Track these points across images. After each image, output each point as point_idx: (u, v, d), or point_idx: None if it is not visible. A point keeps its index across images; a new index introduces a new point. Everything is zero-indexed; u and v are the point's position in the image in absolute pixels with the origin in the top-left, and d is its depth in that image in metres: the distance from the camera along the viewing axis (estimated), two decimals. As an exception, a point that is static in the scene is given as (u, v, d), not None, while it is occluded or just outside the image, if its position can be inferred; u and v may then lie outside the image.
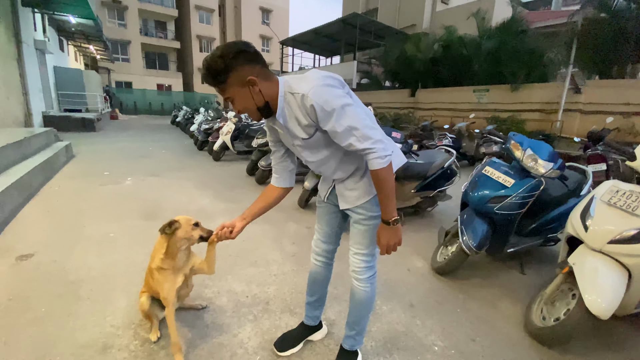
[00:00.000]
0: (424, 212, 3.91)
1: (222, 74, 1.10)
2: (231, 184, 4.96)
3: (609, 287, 1.57)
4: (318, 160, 1.30)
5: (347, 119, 1.11)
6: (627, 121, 7.87)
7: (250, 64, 1.12)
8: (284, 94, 1.18)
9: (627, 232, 1.60)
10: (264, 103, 1.18)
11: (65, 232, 2.98)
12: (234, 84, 1.12)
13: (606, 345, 1.83)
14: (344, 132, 1.12)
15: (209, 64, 1.10)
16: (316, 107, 1.09)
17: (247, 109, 1.19)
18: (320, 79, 1.13)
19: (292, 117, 1.19)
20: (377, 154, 1.12)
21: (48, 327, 1.76)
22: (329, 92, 1.11)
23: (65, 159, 6.08)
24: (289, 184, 1.47)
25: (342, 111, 1.11)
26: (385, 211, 1.22)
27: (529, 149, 2.24)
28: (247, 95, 1.15)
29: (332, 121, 1.11)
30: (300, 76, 1.19)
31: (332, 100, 1.10)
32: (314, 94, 1.09)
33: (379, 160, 1.13)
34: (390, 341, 1.76)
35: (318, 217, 1.56)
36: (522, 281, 2.48)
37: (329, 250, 1.57)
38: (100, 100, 15.29)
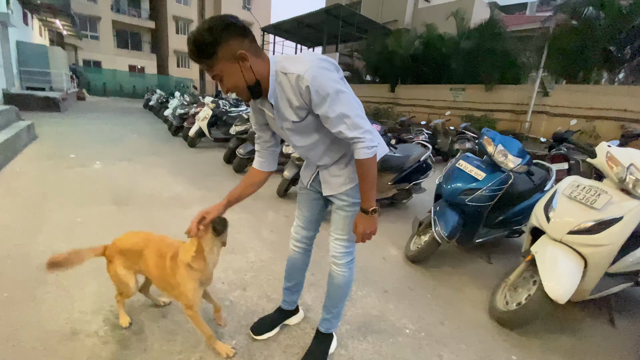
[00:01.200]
0: (400, 204, 4.02)
1: (210, 47, 1.03)
2: (207, 172, 4.85)
3: (567, 274, 1.70)
4: (307, 145, 1.29)
5: (340, 106, 1.10)
6: (589, 124, 8.40)
7: (240, 38, 1.07)
8: (275, 73, 1.13)
9: (584, 223, 1.73)
10: (255, 81, 1.12)
11: (29, 215, 2.81)
12: (223, 59, 1.06)
13: (562, 328, 1.98)
14: (335, 118, 1.11)
15: (196, 38, 1.03)
16: (311, 89, 1.06)
17: (236, 86, 1.12)
18: (316, 61, 1.09)
19: (284, 99, 1.16)
20: (365, 144, 1.14)
21: (11, 312, 1.67)
22: (325, 76, 1.08)
23: (27, 140, 5.68)
24: (273, 168, 1.46)
25: (336, 97, 1.09)
26: (365, 200, 1.24)
27: (500, 144, 2.35)
28: (237, 71, 1.09)
29: (325, 106, 1.09)
30: (294, 56, 1.14)
31: (327, 85, 1.08)
32: (310, 75, 1.06)
33: (366, 150, 1.14)
34: (364, 325, 1.82)
35: (299, 203, 1.56)
36: (488, 270, 2.62)
37: (309, 237, 1.59)
38: (66, 79, 14.29)
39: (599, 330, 2.01)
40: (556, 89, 9.49)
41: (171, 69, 28.16)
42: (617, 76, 9.87)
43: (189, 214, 3.15)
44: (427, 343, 1.73)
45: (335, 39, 16.59)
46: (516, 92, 10.18)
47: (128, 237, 1.55)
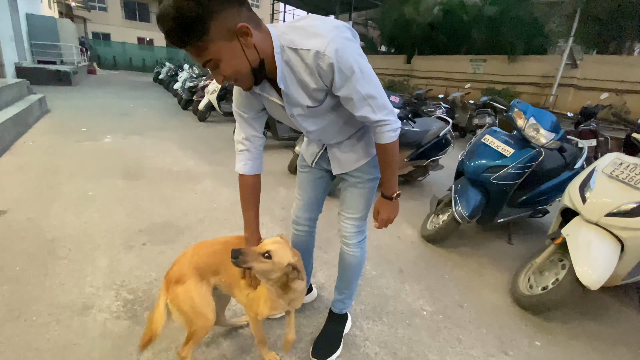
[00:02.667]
0: (415, 181, 3.88)
1: (200, 23, 0.74)
2: (217, 146, 4.77)
3: (601, 259, 1.57)
4: (320, 127, 1.10)
5: (365, 85, 0.91)
6: (620, 99, 7.87)
7: (237, 5, 0.79)
8: (280, 48, 0.88)
9: (625, 205, 1.58)
10: (259, 61, 0.87)
11: (41, 189, 2.80)
12: (218, 37, 0.78)
13: (588, 314, 1.88)
14: (360, 100, 0.93)
15: (177, 12, 0.71)
16: (335, 67, 0.85)
17: (238, 72, 0.86)
18: (335, 30, 0.86)
19: (295, 82, 0.93)
20: (391, 127, 1.00)
21: (23, 286, 1.66)
22: (349, 49, 0.87)
23: (40, 113, 5.69)
24: (261, 169, 1.20)
25: (361, 75, 0.90)
26: (388, 186, 1.15)
27: (532, 117, 2.16)
28: (238, 51, 0.82)
29: (350, 86, 0.90)
30: (303, 26, 0.89)
31: (352, 60, 0.87)
32: (332, 50, 0.83)
33: (391, 134, 1.01)
34: (379, 305, 1.76)
35: (301, 183, 1.43)
36: (509, 251, 2.50)
37: (312, 219, 1.48)
38: (77, 52, 14.16)
39: (628, 317, 1.90)
40: (585, 60, 8.86)
41: (180, 41, 27.62)
42: (653, 46, 9.14)
43: (199, 188, 3.10)
44: (445, 326, 1.66)
45: (348, 6, 15.78)
46: (542, 63, 9.55)
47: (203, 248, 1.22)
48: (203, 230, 2.34)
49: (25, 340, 1.36)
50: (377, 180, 1.27)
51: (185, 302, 1.09)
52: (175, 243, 2.16)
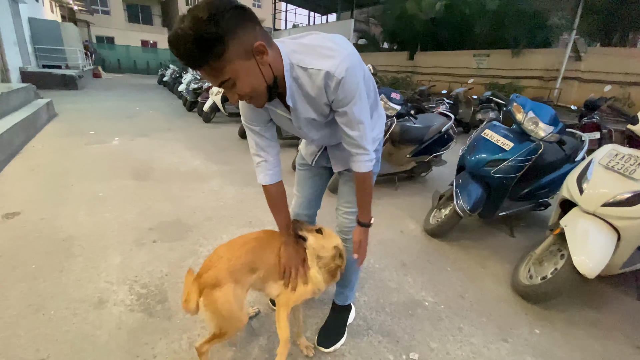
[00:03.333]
0: (418, 177, 3.92)
1: (218, 43, 0.75)
2: (223, 146, 4.84)
3: (598, 248, 1.61)
4: (324, 135, 1.16)
5: (360, 109, 0.97)
6: (624, 91, 7.82)
7: (252, 24, 0.81)
8: (290, 66, 0.91)
9: (621, 195, 1.61)
10: (273, 79, 0.89)
11: (52, 190, 2.89)
12: (236, 57, 0.79)
13: (587, 302, 1.92)
14: (353, 122, 0.99)
15: (196, 34, 0.72)
16: (341, 85, 0.89)
17: (255, 90, 0.87)
18: (345, 52, 0.89)
19: (302, 97, 0.97)
20: (369, 157, 1.07)
21: (40, 282, 1.74)
22: (357, 71, 0.91)
23: (47, 117, 5.81)
24: (280, 176, 1.24)
25: (359, 99, 0.95)
26: (364, 213, 1.20)
27: (531, 111, 2.19)
28: (255, 70, 0.84)
29: (348, 108, 0.95)
30: (314, 45, 0.92)
31: (358, 86, 0.93)
32: (342, 70, 0.87)
33: (369, 164, 1.08)
34: (383, 297, 1.81)
35: (299, 180, 1.47)
36: (510, 243, 2.54)
37: (311, 215, 1.54)
38: (81, 56, 14.35)
39: (626, 305, 1.93)
40: (589, 53, 8.80)
41: (183, 43, 27.75)
42: (658, 37, 9.05)
43: (206, 187, 3.18)
44: (447, 315, 1.71)
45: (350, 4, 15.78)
46: (545, 56, 9.51)
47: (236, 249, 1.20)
48: (211, 228, 2.41)
49: (44, 333, 1.44)
50: (375, 174, 1.32)
51: (223, 306, 1.09)
52: (185, 240, 2.23)
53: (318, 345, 1.43)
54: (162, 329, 1.49)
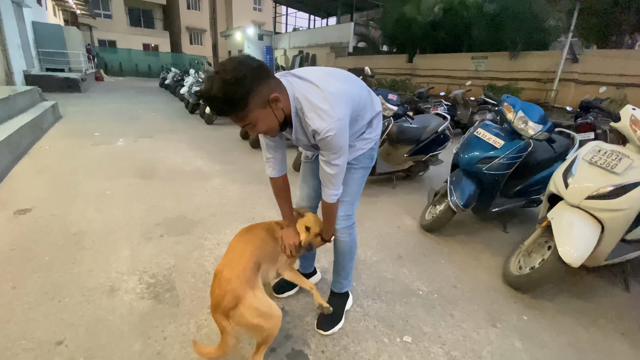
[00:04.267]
0: (416, 176, 4.01)
1: (243, 100, 0.97)
2: (225, 147, 4.95)
3: (582, 239, 1.70)
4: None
5: (338, 160, 1.17)
6: (620, 92, 7.92)
7: (267, 80, 1.02)
8: (295, 110, 1.13)
9: (604, 188, 1.71)
10: (284, 117, 1.12)
11: (61, 188, 3.00)
12: (256, 108, 1.01)
13: (575, 292, 2.01)
14: (328, 164, 1.19)
15: (225, 96, 0.95)
16: (323, 142, 1.11)
17: (270, 129, 1.12)
18: (335, 119, 1.08)
19: (301, 130, 1.20)
20: (336, 192, 1.28)
21: (54, 273, 1.84)
22: (340, 138, 1.11)
23: (53, 119, 5.93)
24: (285, 169, 1.45)
25: (338, 153, 1.16)
26: (327, 233, 1.46)
27: (521, 111, 2.29)
28: (270, 115, 1.07)
29: (328, 153, 1.16)
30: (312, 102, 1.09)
31: (339, 145, 1.13)
32: (325, 135, 1.08)
33: (334, 197, 1.30)
34: (379, 286, 1.91)
35: (303, 173, 1.61)
36: (503, 238, 2.63)
37: (314, 206, 1.65)
38: (84, 60, 14.51)
39: (613, 295, 2.02)
40: (586, 55, 8.91)
41: (184, 47, 28.02)
42: (654, 39, 9.16)
43: (209, 186, 3.28)
44: (440, 303, 1.80)
45: (350, 7, 15.95)
46: (542, 58, 9.63)
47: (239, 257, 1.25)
48: (215, 223, 2.51)
49: (60, 318, 1.53)
50: (368, 169, 1.46)
51: (254, 315, 1.14)
52: (190, 234, 2.33)
53: (317, 329, 1.52)
54: (170, 314, 1.59)
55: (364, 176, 1.46)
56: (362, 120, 1.32)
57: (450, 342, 1.55)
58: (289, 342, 1.47)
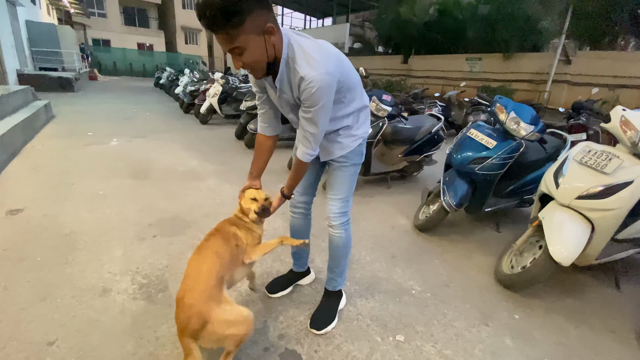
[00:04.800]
0: (410, 176, 4.04)
1: (238, 16, 0.92)
2: (220, 147, 4.94)
3: (572, 238, 1.73)
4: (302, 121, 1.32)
5: (318, 116, 1.15)
6: (612, 93, 8.02)
7: (267, 8, 1.00)
8: (286, 59, 1.10)
9: (594, 188, 1.74)
10: (274, 58, 1.08)
11: (54, 189, 2.97)
12: (249, 31, 0.97)
13: (566, 291, 2.03)
14: (309, 120, 1.17)
15: (223, 4, 0.90)
16: (306, 92, 1.09)
17: (257, 62, 1.06)
18: (324, 71, 1.07)
19: (287, 83, 1.16)
20: (311, 152, 1.26)
21: (46, 273, 1.83)
22: (325, 91, 1.09)
23: (46, 119, 5.87)
24: (278, 131, 1.46)
25: (321, 109, 1.14)
26: (287, 188, 1.40)
27: (513, 111, 2.32)
28: (262, 46, 1.02)
29: (309, 107, 1.13)
30: (307, 51, 1.09)
31: (321, 98, 1.10)
32: (311, 83, 1.06)
33: (307, 157, 1.27)
34: (372, 285, 1.92)
35: None
36: (496, 238, 2.66)
37: (306, 202, 1.65)
38: (78, 59, 14.39)
39: (604, 294, 2.05)
40: (579, 56, 9.02)
41: (179, 46, 27.80)
42: (645, 41, 9.29)
43: (203, 186, 3.27)
44: (432, 302, 1.82)
45: (345, 8, 15.98)
46: (536, 60, 9.73)
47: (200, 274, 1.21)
48: (209, 223, 2.48)
49: (53, 318, 1.52)
50: (358, 166, 1.46)
51: (225, 328, 1.14)
52: (184, 235, 2.32)
53: (310, 328, 1.53)
54: (163, 314, 1.58)
55: (355, 173, 1.47)
56: (350, 105, 1.32)
57: (442, 340, 1.56)
58: (282, 342, 1.47)
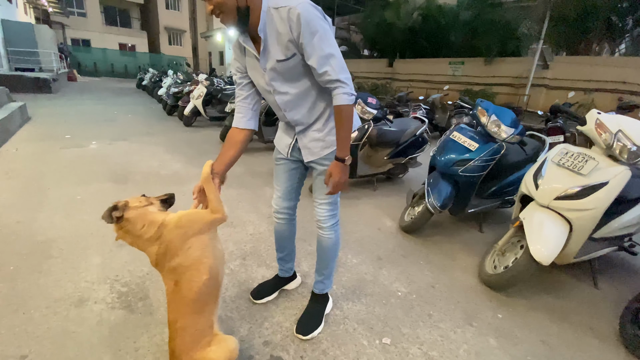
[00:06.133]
0: (396, 178, 4.07)
1: None
2: (204, 150, 4.86)
3: (552, 238, 1.77)
4: (291, 96, 1.26)
5: (327, 45, 1.12)
6: (588, 97, 8.34)
7: None
8: (267, 9, 1.12)
9: (571, 189, 1.79)
10: (246, 7, 1.09)
11: (28, 194, 2.85)
12: None
13: (546, 289, 2.08)
14: (323, 57, 1.12)
15: None
16: (302, 20, 1.07)
17: (224, 4, 1.06)
18: (306, 2, 1.10)
19: (273, 33, 1.14)
20: (347, 90, 1.16)
21: (19, 283, 1.74)
22: (315, 14, 1.10)
23: (21, 121, 5.63)
24: (253, 125, 1.39)
25: (324, 35, 1.11)
26: (342, 148, 1.23)
27: (494, 115, 2.37)
28: None
29: (314, 42, 1.10)
30: None
31: (317, 22, 1.10)
32: (302, 8, 1.07)
33: (347, 97, 1.16)
34: (359, 288, 1.91)
35: (277, 174, 1.57)
36: (480, 238, 2.70)
37: (290, 207, 1.61)
38: (56, 59, 13.90)
39: (582, 291, 2.11)
40: (556, 61, 9.35)
41: (163, 47, 27.35)
42: (618, 47, 9.71)
43: (187, 190, 3.19)
44: (418, 304, 1.83)
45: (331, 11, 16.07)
46: (515, 65, 10.03)
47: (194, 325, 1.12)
48: (192, 228, 2.45)
49: (25, 331, 1.45)
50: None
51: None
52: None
53: (296, 333, 1.51)
54: (143, 324, 1.53)
55: None
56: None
57: (428, 342, 1.57)
58: (267, 349, 1.45)
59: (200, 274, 1.11)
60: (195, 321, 1.11)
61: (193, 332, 1.10)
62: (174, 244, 1.10)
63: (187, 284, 1.09)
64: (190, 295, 1.09)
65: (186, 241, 1.10)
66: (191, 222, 1.14)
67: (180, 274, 1.09)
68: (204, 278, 1.11)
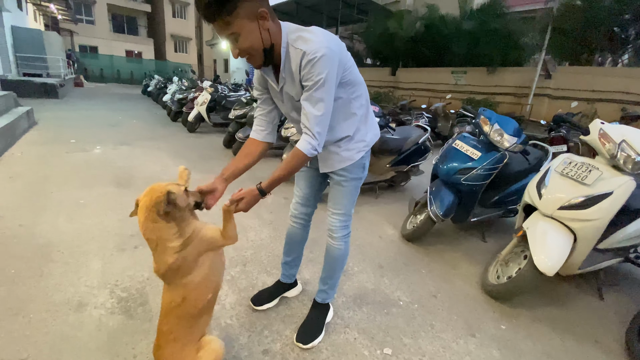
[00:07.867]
0: (398, 186, 4.06)
1: (232, 3, 0.97)
2: (207, 155, 4.88)
3: (556, 248, 1.75)
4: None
5: (322, 93, 1.11)
6: (590, 107, 8.33)
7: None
8: (287, 44, 1.13)
9: (575, 199, 1.77)
10: (271, 44, 1.10)
11: (31, 197, 2.86)
12: (243, 16, 1.00)
13: (550, 301, 2.05)
14: (312, 99, 1.12)
15: None
16: (310, 65, 1.07)
17: (253, 48, 1.07)
18: (326, 43, 1.08)
19: (289, 72, 1.16)
20: (312, 143, 1.14)
21: (19, 287, 1.74)
22: (327, 61, 1.08)
23: (27, 126, 5.70)
24: (271, 139, 1.40)
25: (325, 84, 1.10)
26: (270, 184, 1.23)
27: (497, 124, 2.37)
28: (256, 31, 1.05)
29: (313, 84, 1.10)
30: (306, 31, 1.13)
31: (324, 69, 1.08)
32: (313, 54, 1.06)
33: (308, 147, 1.14)
34: (360, 297, 1.89)
35: (298, 181, 1.59)
36: (482, 247, 2.68)
37: (307, 213, 1.63)
38: (63, 65, 14.12)
39: (587, 303, 2.08)
40: (559, 71, 9.37)
41: (169, 54, 27.73)
42: (620, 58, 9.73)
43: (189, 196, 3.20)
44: (420, 314, 1.80)
45: (335, 21, 16.25)
46: (518, 74, 10.05)
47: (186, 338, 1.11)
48: (193, 234, 2.44)
49: (24, 335, 1.44)
50: (360, 180, 1.44)
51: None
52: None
53: (296, 342, 1.49)
54: (142, 330, 1.52)
55: (356, 187, 1.44)
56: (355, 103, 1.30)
57: (430, 353, 1.54)
58: (267, 358, 1.43)
59: (207, 291, 1.11)
60: (190, 334, 1.11)
61: (185, 343, 1.09)
62: (191, 258, 1.05)
63: (193, 301, 1.08)
64: (193, 311, 1.09)
65: (200, 258, 1.08)
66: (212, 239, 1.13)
67: (190, 291, 1.07)
68: (209, 296, 1.12)
